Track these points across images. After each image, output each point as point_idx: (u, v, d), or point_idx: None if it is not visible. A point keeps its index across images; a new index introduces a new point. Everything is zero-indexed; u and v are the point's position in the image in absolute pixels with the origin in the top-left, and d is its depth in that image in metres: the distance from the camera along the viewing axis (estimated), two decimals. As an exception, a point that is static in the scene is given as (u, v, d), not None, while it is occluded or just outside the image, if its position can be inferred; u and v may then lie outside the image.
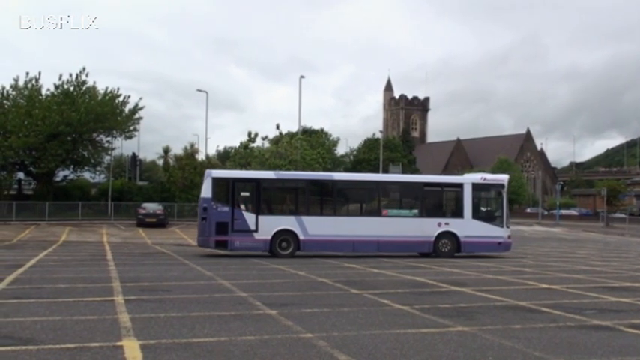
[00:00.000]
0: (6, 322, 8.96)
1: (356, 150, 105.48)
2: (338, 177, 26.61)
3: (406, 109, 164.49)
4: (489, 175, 27.54)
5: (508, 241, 24.31)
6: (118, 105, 49.29)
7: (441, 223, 23.73)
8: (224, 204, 22.40)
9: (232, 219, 22.26)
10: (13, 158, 46.09)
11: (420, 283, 14.89)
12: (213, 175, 23.07)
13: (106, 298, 11.43)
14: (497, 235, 23.95)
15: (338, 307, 10.82)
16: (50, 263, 18.89)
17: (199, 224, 23.08)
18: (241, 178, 24.87)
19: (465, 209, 23.87)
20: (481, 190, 24.70)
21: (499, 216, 24.29)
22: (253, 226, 22.40)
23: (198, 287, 13.49)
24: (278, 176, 25.81)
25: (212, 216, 22.22)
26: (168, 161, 68.17)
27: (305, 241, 22.70)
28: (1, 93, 47.15)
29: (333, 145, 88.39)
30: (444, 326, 9.26)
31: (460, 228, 23.67)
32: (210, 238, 22.35)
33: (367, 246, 23.25)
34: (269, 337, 8.17)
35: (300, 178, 26.22)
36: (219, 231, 22.21)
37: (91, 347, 7.42)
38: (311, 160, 54.75)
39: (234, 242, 22.34)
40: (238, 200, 22.75)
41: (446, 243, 23.56)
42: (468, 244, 23.76)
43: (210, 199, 22.38)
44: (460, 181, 25.07)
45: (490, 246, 24.00)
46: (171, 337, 8.07)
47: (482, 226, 23.84)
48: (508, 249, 24.50)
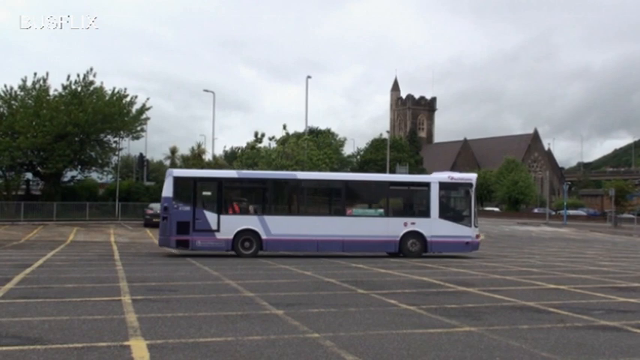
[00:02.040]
0: (14, 322, 8.99)
1: (363, 150, 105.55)
2: (301, 176, 26.08)
3: (413, 109, 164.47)
4: (457, 173, 26.98)
5: (476, 240, 23.88)
6: (125, 105, 49.37)
7: (407, 222, 23.30)
8: (186, 203, 22.21)
9: (194, 218, 22.07)
10: (21, 158, 46.25)
11: (426, 284, 14.87)
12: (175, 175, 22.87)
13: (114, 298, 11.46)
14: (464, 234, 23.48)
15: (345, 308, 10.82)
16: (58, 263, 18.95)
17: (160, 224, 22.81)
18: (203, 177, 24.67)
19: (432, 208, 23.42)
20: (448, 189, 24.30)
21: (467, 215, 23.76)
22: (215, 225, 22.21)
23: (205, 287, 13.51)
24: (240, 175, 25.68)
25: (173, 215, 22.02)
26: (175, 161, 68.34)
27: (268, 240, 22.45)
28: (9, 93, 47.33)
29: (340, 145, 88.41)
30: (451, 326, 9.24)
31: (427, 228, 23.23)
32: (172, 237, 22.12)
33: (331, 246, 22.92)
34: (276, 338, 8.18)
35: (263, 177, 26.00)
36: (181, 230, 22.02)
37: (98, 347, 7.44)
38: (318, 161, 54.75)
39: (195, 242, 22.14)
40: (200, 200, 22.60)
41: (414, 243, 23.16)
42: (435, 244, 23.32)
43: (171, 199, 22.16)
44: (427, 180, 24.68)
45: (457, 245, 23.50)
46: (178, 337, 8.09)
47: (450, 226, 23.40)
48: (476, 249, 24.03)
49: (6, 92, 47.43)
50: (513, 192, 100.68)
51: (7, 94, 47.40)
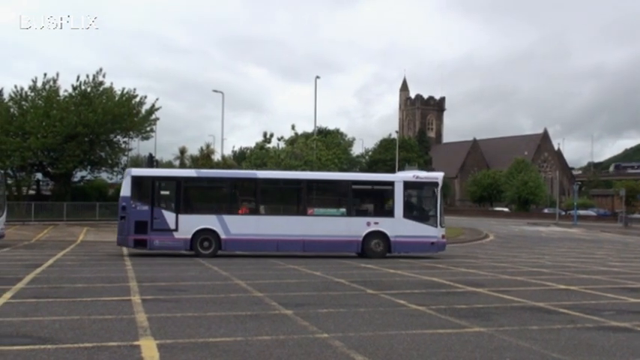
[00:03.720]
0: (25, 322, 9.03)
1: (372, 150, 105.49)
2: (261, 175, 25.58)
3: (422, 109, 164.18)
4: (423, 172, 26.54)
5: (442, 241, 23.25)
6: (135, 106, 49.51)
7: (370, 222, 22.87)
8: (144, 202, 22.13)
9: (152, 218, 21.96)
10: (32, 159, 46.45)
11: (436, 284, 14.84)
12: (133, 174, 22.76)
13: (124, 298, 11.50)
14: (430, 234, 22.92)
15: (354, 308, 10.81)
16: (68, 263, 19.04)
17: (119, 223, 22.52)
18: (161, 176, 24.47)
19: (396, 208, 22.96)
20: (413, 189, 23.87)
21: (433, 215, 23.20)
22: (173, 225, 22.07)
23: (215, 287, 13.54)
24: (199, 174, 25.37)
25: (131, 215, 21.91)
26: (184, 162, 68.47)
27: (226, 240, 22.27)
28: (19, 94, 47.59)
29: (349, 145, 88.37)
30: (461, 327, 9.22)
31: (390, 227, 22.76)
32: (129, 237, 21.97)
33: (291, 246, 22.62)
34: (285, 338, 8.18)
35: (222, 176, 25.92)
36: (139, 230, 21.88)
37: (108, 347, 7.47)
38: (326, 161, 54.78)
39: (153, 241, 22.02)
40: (158, 199, 22.50)
41: (378, 243, 22.70)
42: (399, 244, 22.85)
43: (129, 198, 22.09)
44: (391, 179, 24.10)
45: (423, 246, 23.00)
46: (187, 337, 8.11)
47: (415, 226, 22.87)
48: (442, 249, 23.50)
49: (16, 93, 47.70)
50: (523, 192, 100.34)
51: (17, 94, 47.67)
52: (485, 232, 46.45)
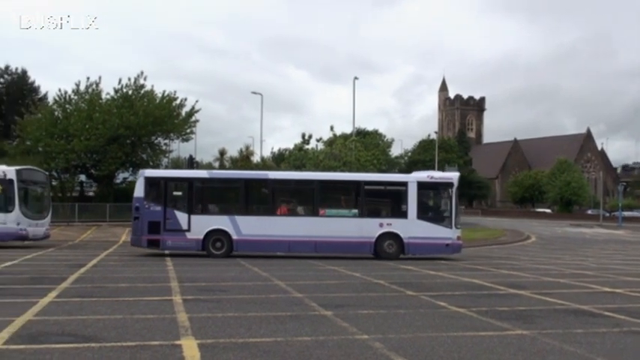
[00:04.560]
0: (70, 320, 9.20)
1: (411, 151, 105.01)
2: (273, 176, 25.56)
3: (462, 110, 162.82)
4: (437, 172, 26.00)
5: (457, 242, 22.73)
6: (175, 108, 50.14)
7: (383, 223, 22.57)
8: (157, 203, 22.35)
9: (165, 218, 22.16)
10: (76, 161, 47.38)
11: (477, 286, 14.67)
12: (146, 175, 23.10)
13: (165, 298, 11.63)
14: (444, 236, 22.43)
15: (394, 309, 10.76)
16: (111, 263, 19.34)
17: (132, 223, 22.91)
18: (174, 177, 24.71)
19: (410, 209, 22.56)
20: (428, 189, 23.42)
21: (447, 216, 22.75)
22: (186, 225, 22.24)
23: (255, 288, 13.60)
24: (211, 175, 25.59)
25: (144, 215, 22.19)
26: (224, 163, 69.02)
27: (238, 241, 22.31)
28: (63, 98, 48.63)
29: (388, 146, 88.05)
30: (503, 329, 9.09)
31: (404, 229, 22.40)
32: (143, 237, 22.26)
33: (303, 246, 22.47)
34: (325, 339, 8.17)
35: (234, 177, 25.92)
36: (152, 230, 22.14)
37: (150, 346, 7.56)
38: (365, 162, 54.60)
39: (166, 242, 22.25)
40: (171, 199, 22.68)
41: (391, 244, 22.40)
42: (412, 246, 22.42)
43: (142, 199, 22.36)
44: (404, 180, 23.60)
45: (437, 248, 22.50)
46: (228, 337, 8.16)
47: (429, 227, 22.44)
48: (458, 251, 22.97)
49: (60, 96, 48.78)
50: (566, 193, 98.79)
51: (61, 98, 48.74)
52: (527, 233, 45.83)
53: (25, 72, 68.56)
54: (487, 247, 32.65)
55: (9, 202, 25.05)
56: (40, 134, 46.27)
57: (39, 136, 46.38)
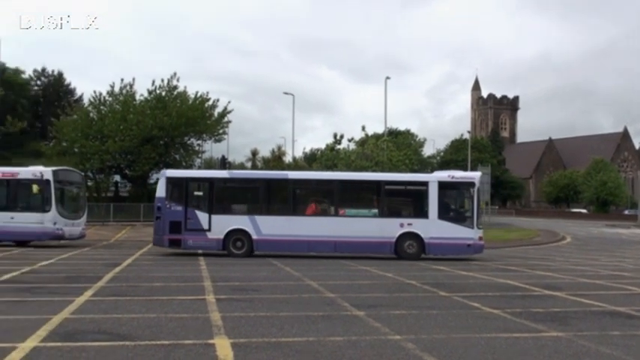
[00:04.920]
0: (105, 319, 9.33)
1: (443, 151, 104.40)
2: (293, 175, 25.55)
3: (495, 109, 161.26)
4: (458, 172, 25.42)
5: (479, 243, 22.43)
6: (208, 109, 50.53)
7: (404, 223, 22.34)
8: (178, 203, 22.58)
9: (185, 218, 22.38)
10: (110, 161, 48.05)
11: (511, 287, 14.51)
12: (167, 175, 23.40)
13: (198, 297, 11.73)
14: (466, 236, 22.14)
15: (426, 310, 10.70)
16: (145, 263, 19.56)
17: (154, 223, 23.12)
18: (195, 177, 25.03)
19: (430, 209, 22.28)
20: (449, 189, 22.96)
21: (469, 216, 22.44)
22: (206, 225, 22.40)
23: (287, 288, 13.64)
24: (232, 175, 25.72)
25: (166, 215, 22.43)
26: (256, 163, 69.39)
27: (258, 240, 22.39)
28: (98, 99, 49.37)
29: (420, 145, 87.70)
30: (537, 331, 8.98)
31: (424, 229, 22.15)
32: (164, 236, 22.52)
33: (323, 246, 22.48)
34: (357, 339, 8.16)
35: (254, 177, 26.11)
36: (173, 230, 22.37)
37: (184, 344, 7.63)
38: (397, 162, 54.42)
39: (187, 241, 22.45)
40: (192, 199, 22.89)
41: (411, 244, 22.18)
42: (433, 246, 22.18)
43: (164, 199, 22.61)
44: (425, 180, 23.35)
45: (459, 248, 22.23)
46: (260, 337, 8.19)
47: (450, 227, 22.14)
48: (479, 251, 22.62)
49: (95, 98, 49.53)
50: (602, 193, 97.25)
51: (96, 99, 49.48)
52: (562, 234, 45.21)
53: (61, 74, 69.70)
54: (521, 247, 32.29)
55: (46, 202, 25.48)
56: (76, 135, 47.01)
57: (74, 137, 47.13)
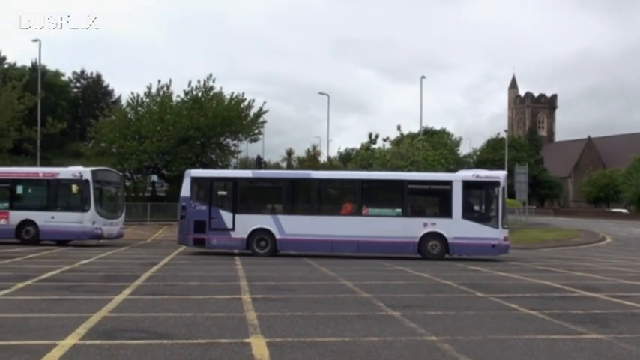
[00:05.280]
0: (143, 317, 9.44)
1: (479, 150, 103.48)
2: (316, 175, 25.50)
3: (532, 107, 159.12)
4: (483, 171, 25.16)
5: (504, 243, 22.17)
6: (243, 109, 50.85)
7: (427, 223, 22.19)
8: (202, 203, 22.89)
9: (210, 217, 22.62)
10: (147, 162, 48.68)
11: (549, 288, 14.30)
12: (192, 175, 23.73)
13: (234, 296, 11.79)
14: (490, 236, 21.87)
15: (463, 311, 10.60)
16: (181, 262, 19.75)
17: (179, 222, 23.53)
18: (219, 177, 25.41)
19: (454, 209, 22.08)
20: (473, 188, 22.77)
21: (494, 216, 22.24)
22: (230, 224, 22.58)
23: (322, 287, 13.65)
24: (255, 175, 25.84)
25: (190, 214, 22.74)
26: (291, 163, 69.62)
27: (281, 240, 22.49)
28: (135, 100, 50.08)
29: (456, 145, 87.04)
30: (577, 333, 8.83)
31: (448, 229, 21.97)
32: (189, 235, 22.82)
33: (346, 246, 22.45)
34: (393, 339, 8.12)
35: (277, 176, 26.40)
36: (198, 229, 22.65)
37: (220, 343, 7.67)
38: (433, 161, 54.07)
39: (211, 240, 22.67)
40: (216, 199, 23.14)
41: (435, 244, 22.02)
42: (457, 246, 22.01)
43: (188, 198, 22.95)
44: (449, 179, 23.26)
45: (483, 248, 21.95)
46: (296, 336, 8.20)
47: (474, 227, 21.91)
48: (505, 251, 22.38)
49: (133, 99, 50.27)
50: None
51: (134, 100, 50.21)
52: (602, 234, 44.41)
53: (99, 76, 70.88)
54: (559, 248, 31.84)
55: (85, 202, 25.92)
56: (114, 136, 47.73)
57: (113, 138, 47.86)
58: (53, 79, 60.56)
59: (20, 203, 27.00)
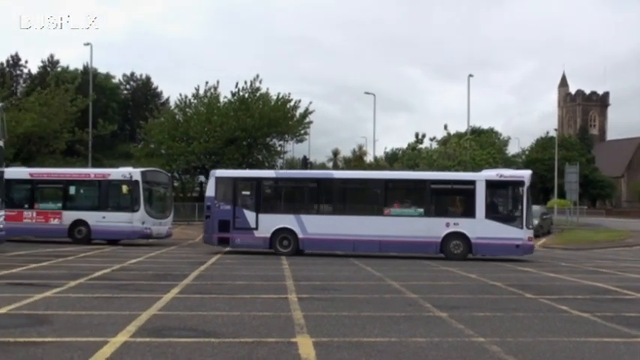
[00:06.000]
0: (191, 316, 9.56)
1: (528, 149, 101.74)
2: (338, 175, 25.85)
3: (583, 106, 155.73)
4: (507, 170, 24.72)
5: (529, 243, 21.87)
6: (290, 110, 51.04)
7: (450, 223, 21.98)
8: (226, 202, 23.19)
9: (234, 217, 22.91)
10: (195, 162, 49.27)
11: (601, 290, 13.97)
12: (217, 175, 24.03)
13: (281, 296, 11.84)
14: (514, 236, 21.54)
15: (512, 312, 10.44)
16: (228, 261, 19.94)
17: (204, 222, 23.89)
18: (242, 177, 25.44)
19: (478, 208, 21.81)
20: (497, 188, 22.55)
21: (518, 216, 21.85)
22: (254, 224, 22.83)
23: (368, 287, 13.62)
24: (278, 175, 26.07)
25: (215, 214, 23.08)
26: (337, 163, 69.64)
27: (304, 239, 22.63)
28: (184, 102, 50.78)
29: (504, 144, 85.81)
30: (630, 336, 8.60)
31: (471, 228, 21.72)
32: (214, 235, 23.18)
33: (368, 246, 22.38)
34: (440, 340, 8.04)
35: (300, 176, 26.64)
36: (222, 228, 22.96)
37: (267, 342, 7.71)
38: (481, 161, 53.44)
39: (235, 239, 23.00)
40: (240, 199, 23.37)
41: (457, 244, 21.80)
42: (480, 246, 21.73)
43: (213, 198, 23.32)
44: (472, 178, 22.97)
45: (507, 248, 21.63)
46: (342, 336, 8.19)
47: (498, 227, 21.60)
48: (529, 252, 22.07)
49: (181, 101, 50.98)
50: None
51: (182, 102, 50.93)
52: (656, 235, 43.18)
53: (148, 78, 72.14)
54: (611, 249, 31.11)
55: (135, 202, 26.40)
56: (163, 137, 48.46)
57: (162, 139, 48.60)
58: (104, 82, 61.86)
59: (72, 203, 27.64)
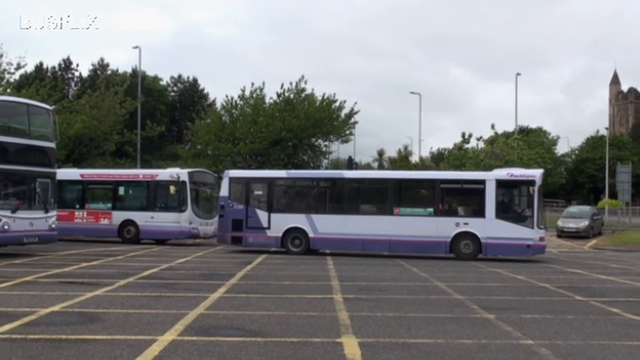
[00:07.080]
0: (237, 315, 9.65)
1: (578, 149, 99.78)
2: (349, 175, 25.49)
3: (636, 104, 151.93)
4: (518, 170, 24.08)
5: (540, 243, 21.48)
6: (335, 110, 51.06)
7: (460, 222, 21.78)
8: (239, 202, 23.60)
9: (246, 216, 23.29)
10: (241, 163, 49.66)
11: (654, 292, 13.61)
12: (230, 175, 24.38)
13: (326, 296, 11.86)
14: (525, 236, 21.16)
15: (561, 314, 10.25)
16: (275, 261, 20.05)
17: (218, 221, 24.35)
18: (255, 177, 25.66)
19: (487, 208, 21.53)
20: (507, 187, 22.12)
21: (529, 216, 21.45)
22: (266, 223, 23.16)
23: (414, 288, 13.53)
24: (290, 175, 25.91)
25: (228, 213, 23.52)
26: (382, 164, 69.40)
27: (315, 239, 22.82)
28: (230, 103, 51.27)
29: (553, 143, 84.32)
30: (686, 340, 8.36)
31: (481, 228, 21.45)
32: (227, 234, 23.63)
33: (378, 245, 22.50)
34: (487, 342, 7.95)
35: (311, 176, 26.59)
36: (235, 228, 23.40)
37: (313, 342, 7.74)
38: (529, 160, 52.62)
39: (247, 238, 23.38)
40: (252, 198, 23.76)
41: (467, 244, 21.55)
42: (490, 246, 21.44)
43: (227, 198, 23.74)
44: (482, 178, 22.64)
45: (517, 248, 21.33)
46: (388, 337, 8.17)
47: (508, 227, 21.28)
48: (540, 252, 21.81)
49: (227, 102, 51.43)
50: None
51: (228, 103, 51.39)
52: None
53: (195, 80, 73.10)
54: None
55: (182, 202, 26.75)
56: (209, 138, 49.03)
57: (208, 140, 49.18)
58: (152, 84, 62.95)
59: (122, 204, 28.16)
